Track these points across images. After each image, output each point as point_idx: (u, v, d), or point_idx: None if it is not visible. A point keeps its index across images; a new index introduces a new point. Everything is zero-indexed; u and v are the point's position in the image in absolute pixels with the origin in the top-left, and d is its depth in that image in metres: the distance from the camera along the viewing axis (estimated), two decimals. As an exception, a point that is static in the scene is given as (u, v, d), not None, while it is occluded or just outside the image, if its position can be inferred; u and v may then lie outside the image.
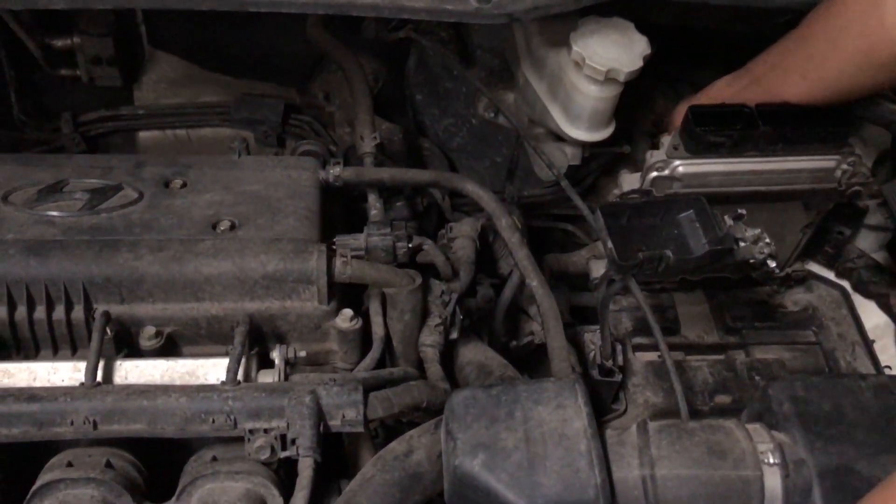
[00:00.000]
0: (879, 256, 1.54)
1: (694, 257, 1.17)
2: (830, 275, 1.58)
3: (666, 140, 1.31)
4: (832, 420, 0.96)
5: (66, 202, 1.18)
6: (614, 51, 1.25)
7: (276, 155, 1.68)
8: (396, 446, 1.02)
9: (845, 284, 1.57)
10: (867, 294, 1.53)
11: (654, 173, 1.30)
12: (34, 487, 0.96)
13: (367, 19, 1.66)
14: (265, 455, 0.98)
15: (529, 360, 1.50)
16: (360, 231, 1.25)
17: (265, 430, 0.98)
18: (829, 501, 0.90)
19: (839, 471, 0.92)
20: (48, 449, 1.02)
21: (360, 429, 1.01)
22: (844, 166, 1.32)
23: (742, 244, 1.22)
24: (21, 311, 1.08)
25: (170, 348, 1.12)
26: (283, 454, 0.97)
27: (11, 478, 1.01)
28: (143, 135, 1.76)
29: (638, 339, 1.49)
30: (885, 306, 1.52)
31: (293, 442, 0.97)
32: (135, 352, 1.11)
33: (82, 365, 1.04)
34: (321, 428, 0.98)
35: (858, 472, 0.91)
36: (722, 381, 1.42)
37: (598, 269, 1.52)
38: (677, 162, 1.29)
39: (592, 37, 1.27)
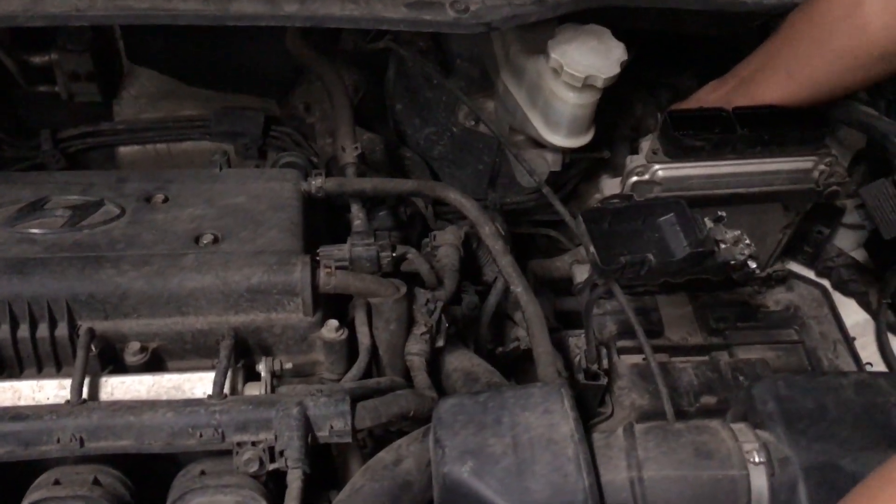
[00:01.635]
0: (857, 255, 1.56)
1: (675, 260, 1.18)
2: (811, 274, 1.59)
3: (645, 145, 1.32)
4: (816, 418, 0.97)
5: (47, 219, 1.18)
6: (592, 57, 1.27)
7: (258, 167, 1.68)
8: (385, 455, 1.02)
9: (825, 283, 1.58)
10: (847, 292, 1.55)
11: (635, 178, 1.31)
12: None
13: (346, 30, 1.68)
14: (254, 468, 0.98)
15: (515, 365, 1.51)
16: (344, 242, 1.26)
17: (253, 443, 0.98)
18: (814, 498, 0.91)
19: (824, 468, 0.92)
20: (34, 468, 1.01)
21: (349, 439, 1.01)
22: (822, 167, 1.34)
23: (723, 246, 1.23)
24: (4, 329, 1.07)
25: (155, 363, 1.11)
26: (271, 466, 0.97)
27: (-3, 498, 1.01)
28: (124, 150, 1.75)
29: (622, 342, 1.50)
30: (864, 304, 1.54)
31: (281, 454, 0.97)
32: (120, 368, 1.10)
33: (67, 382, 1.04)
34: (309, 439, 0.99)
35: (843, 469, 0.92)
36: (707, 382, 1.42)
37: (582, 273, 1.53)
38: (657, 166, 1.30)
39: (570, 44, 1.28)
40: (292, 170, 1.38)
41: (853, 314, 1.54)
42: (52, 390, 1.04)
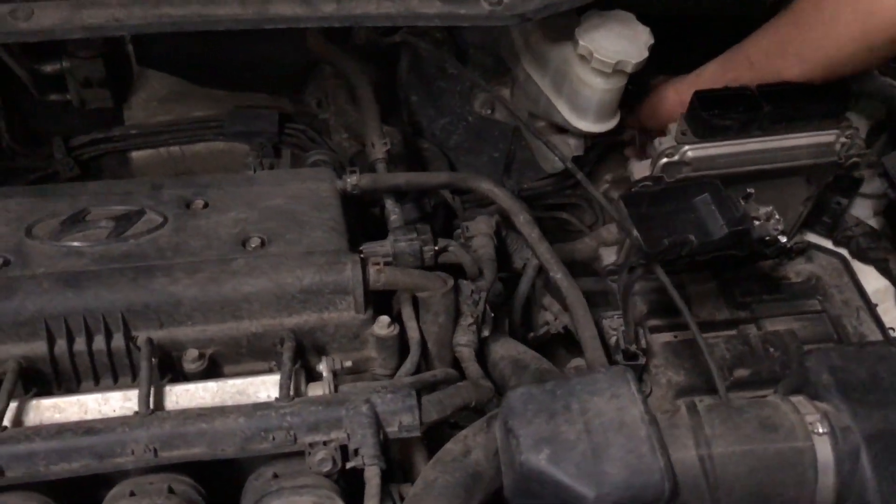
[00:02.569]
0: (875, 223, 1.60)
1: (716, 239, 1.21)
2: (828, 244, 1.63)
3: (673, 127, 1.34)
4: (870, 387, 1.00)
5: (91, 231, 1.17)
6: (620, 43, 1.28)
7: (272, 167, 1.68)
8: (453, 447, 1.03)
9: (843, 252, 1.62)
10: (866, 260, 1.59)
11: (665, 160, 1.33)
12: (100, 520, 0.96)
13: (358, 27, 1.68)
14: (327, 467, 0.99)
15: (544, 350, 1.53)
16: (375, 237, 1.27)
17: (324, 443, 0.99)
18: (877, 464, 0.94)
19: (884, 435, 0.95)
20: (100, 482, 1.01)
21: (417, 433, 1.03)
22: (843, 139, 1.37)
23: (757, 223, 1.26)
24: (60, 344, 1.07)
25: (212, 369, 1.12)
26: (349, 464, 0.98)
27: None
28: (137, 154, 1.74)
29: (652, 322, 1.52)
30: (884, 270, 1.58)
31: (356, 452, 0.98)
32: (177, 376, 1.11)
33: (132, 394, 1.04)
34: (381, 435, 1.00)
35: (902, 435, 0.96)
36: (738, 356, 1.46)
37: (609, 256, 1.55)
38: (686, 147, 1.33)
39: (598, 30, 1.29)
40: (326, 168, 1.38)
41: (873, 281, 1.58)
42: (117, 402, 1.04)
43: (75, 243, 1.15)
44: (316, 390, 1.07)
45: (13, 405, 1.01)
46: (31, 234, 1.16)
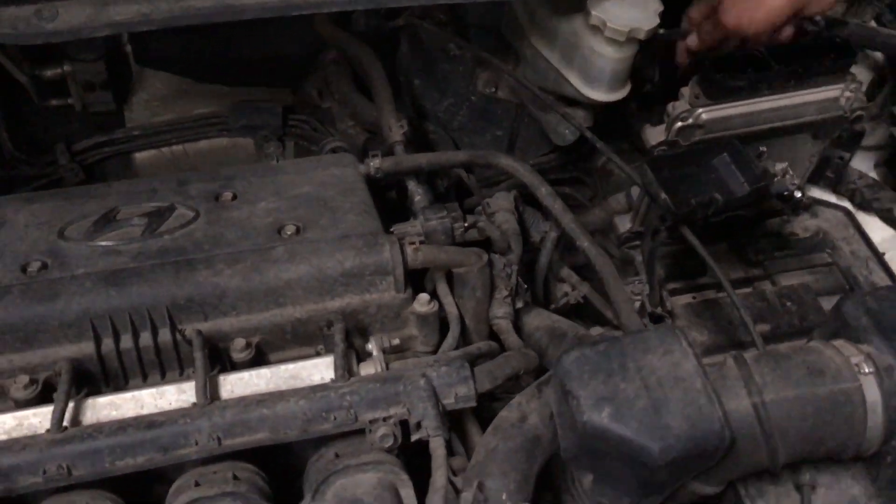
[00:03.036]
0: (877, 174, 1.64)
1: (740, 196, 1.24)
2: (832, 198, 1.67)
3: (685, 91, 1.36)
4: (908, 326, 1.04)
5: (124, 230, 1.17)
6: (632, 11, 1.31)
7: (278, 160, 1.68)
8: (508, 414, 1.05)
9: (847, 205, 1.66)
10: (870, 211, 1.64)
11: (679, 123, 1.36)
12: (170, 513, 0.97)
13: (358, 11, 1.68)
14: (389, 443, 1.00)
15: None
16: (394, 221, 1.28)
17: (384, 419, 1.01)
18: (922, 399, 0.98)
19: (925, 370, 0.99)
20: (162, 475, 1.02)
21: (473, 403, 1.05)
22: (847, 94, 1.41)
23: (775, 179, 1.29)
24: (107, 343, 1.07)
25: (259, 358, 1.13)
26: (414, 437, 0.99)
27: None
28: (140, 155, 1.74)
29: (671, 285, 1.56)
30: (888, 220, 1.63)
31: (418, 425, 1.00)
32: (224, 367, 1.11)
33: (186, 386, 1.05)
34: (440, 408, 1.01)
35: (942, 370, 0.99)
36: (757, 312, 1.49)
37: (624, 224, 1.58)
38: (700, 110, 1.35)
39: (609, 1, 1.31)
40: (348, 154, 1.39)
41: (878, 231, 1.63)
42: (172, 396, 1.04)
43: (110, 242, 1.15)
44: (367, 369, 1.08)
45: (69, 406, 1.01)
46: (64, 237, 1.16)
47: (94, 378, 1.09)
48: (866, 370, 0.99)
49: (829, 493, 1.08)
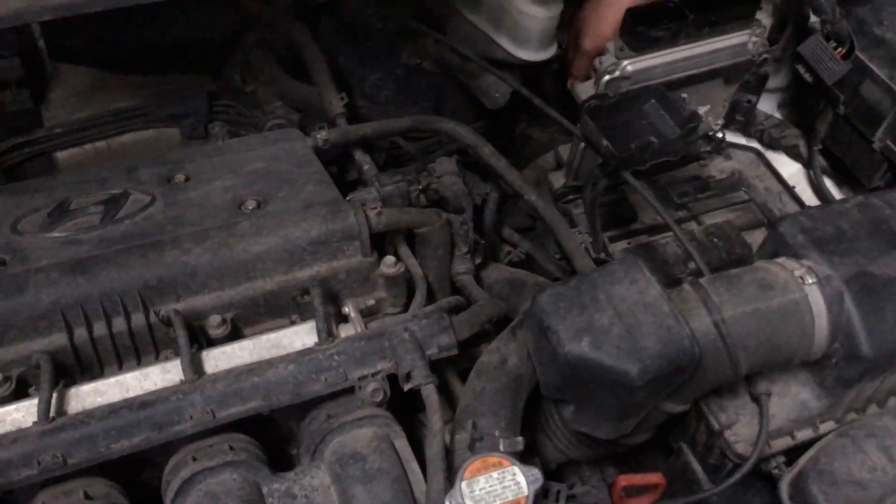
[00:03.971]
0: (781, 114, 1.76)
1: (673, 139, 1.32)
2: (743, 140, 1.79)
3: (610, 45, 1.44)
4: (838, 239, 1.14)
5: (81, 219, 1.16)
6: (556, -30, 1.36)
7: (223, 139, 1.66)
8: (489, 358, 1.10)
9: (756, 145, 1.78)
10: (778, 148, 1.76)
11: (607, 76, 1.43)
12: (172, 488, 0.97)
13: (280, -11, 1.68)
14: (379, 397, 1.04)
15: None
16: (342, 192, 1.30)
17: (373, 375, 1.04)
18: (859, 301, 1.07)
19: (859, 276, 1.09)
20: (157, 454, 1.02)
21: (455, 352, 1.09)
22: (754, 38, 1.51)
23: (702, 121, 1.38)
24: (80, 332, 1.06)
25: (234, 333, 1.13)
26: (406, 387, 1.02)
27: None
28: (62, 154, 1.68)
29: (606, 233, 1.63)
30: (795, 156, 1.76)
31: (408, 376, 1.03)
32: (202, 344, 1.11)
33: (170, 365, 1.05)
34: (426, 358, 1.05)
35: (873, 274, 1.10)
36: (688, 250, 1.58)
37: (558, 180, 1.65)
38: (626, 62, 1.43)
39: (534, -38, 1.37)
40: (293, 129, 1.40)
41: (787, 166, 1.76)
42: (157, 376, 1.04)
43: (69, 233, 1.13)
44: (348, 331, 1.11)
45: (52, 397, 1.00)
46: (18, 231, 1.13)
47: (69, 369, 1.07)
48: (809, 281, 1.08)
49: (782, 400, 1.18)
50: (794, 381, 1.19)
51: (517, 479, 0.91)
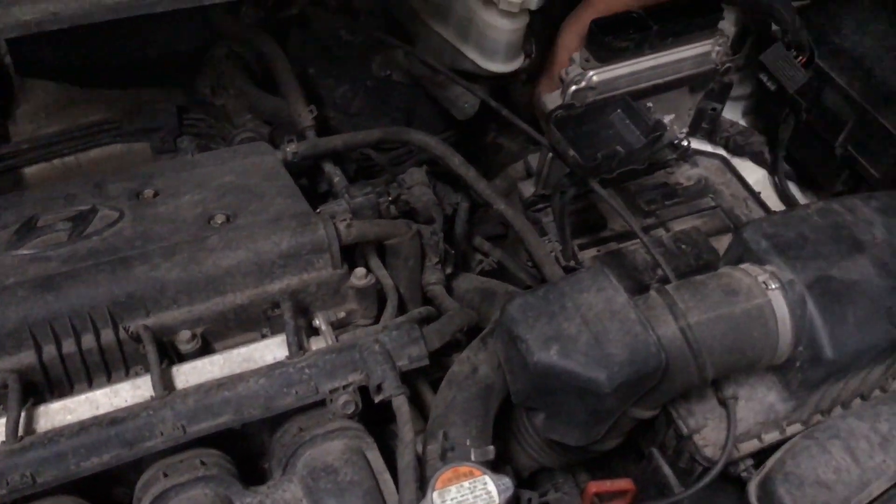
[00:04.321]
0: (745, 121, 1.79)
1: (639, 147, 1.34)
2: (708, 147, 1.81)
3: (576, 56, 1.46)
4: (800, 244, 1.16)
5: (49, 236, 1.15)
6: (522, -17, 1.38)
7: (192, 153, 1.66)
8: (460, 368, 1.11)
9: (722, 152, 1.81)
10: (743, 155, 1.79)
11: (574, 87, 1.45)
12: (144, 504, 0.97)
13: (247, 4, 1.69)
14: (350, 409, 1.04)
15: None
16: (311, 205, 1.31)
17: (344, 388, 1.04)
18: (821, 305, 1.09)
19: (820, 280, 1.12)
20: (127, 471, 1.01)
21: (426, 362, 1.09)
22: (717, 48, 1.54)
23: (666, 130, 1.40)
24: (49, 350, 1.06)
25: (204, 347, 1.13)
26: (377, 399, 1.03)
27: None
28: (30, 170, 1.67)
29: (576, 241, 1.65)
30: (760, 162, 1.79)
31: (379, 388, 1.04)
32: (172, 360, 1.11)
33: (140, 381, 1.05)
34: (396, 369, 1.06)
35: (834, 278, 1.12)
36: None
37: (528, 189, 1.67)
38: (592, 72, 1.45)
39: (499, -25, 1.38)
40: (262, 142, 1.40)
41: (752, 172, 1.79)
42: (127, 393, 1.04)
43: (36, 250, 1.13)
44: (319, 344, 1.11)
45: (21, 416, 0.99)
46: (-16, 249, 1.13)
47: (38, 387, 1.06)
48: (773, 286, 1.10)
49: (748, 404, 1.19)
50: (761, 385, 1.21)
51: (488, 489, 0.92)
